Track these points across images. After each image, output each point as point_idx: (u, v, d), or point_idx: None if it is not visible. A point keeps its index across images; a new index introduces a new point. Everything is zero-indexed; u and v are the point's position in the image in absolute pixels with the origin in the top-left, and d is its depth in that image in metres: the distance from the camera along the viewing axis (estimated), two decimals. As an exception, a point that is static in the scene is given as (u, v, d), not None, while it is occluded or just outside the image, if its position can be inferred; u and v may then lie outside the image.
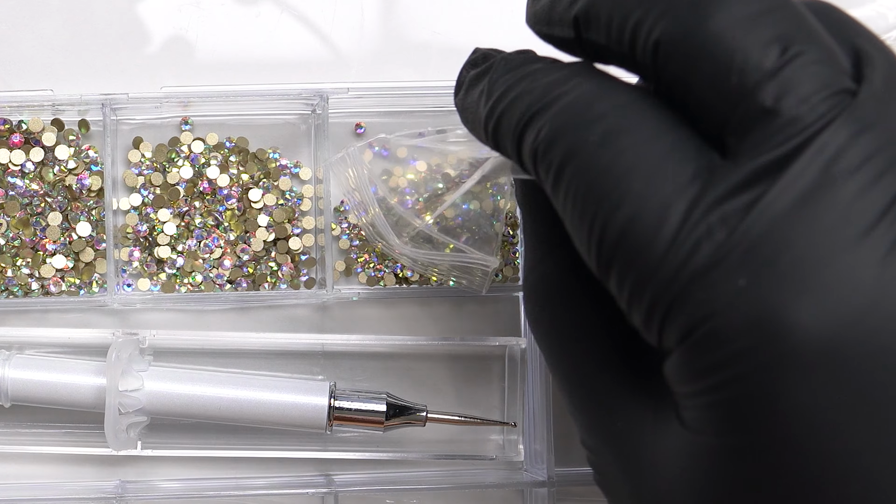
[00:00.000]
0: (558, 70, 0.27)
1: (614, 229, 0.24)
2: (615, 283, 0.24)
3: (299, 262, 0.43)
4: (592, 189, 0.24)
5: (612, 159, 0.24)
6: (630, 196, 0.24)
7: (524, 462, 0.44)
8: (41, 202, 0.42)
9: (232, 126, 0.43)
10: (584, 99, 0.26)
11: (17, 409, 0.41)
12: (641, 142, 0.24)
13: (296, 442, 0.43)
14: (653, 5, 0.25)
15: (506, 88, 0.28)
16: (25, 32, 0.43)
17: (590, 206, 0.24)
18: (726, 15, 0.23)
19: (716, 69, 0.23)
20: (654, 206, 0.23)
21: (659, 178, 0.23)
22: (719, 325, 0.22)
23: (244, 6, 0.44)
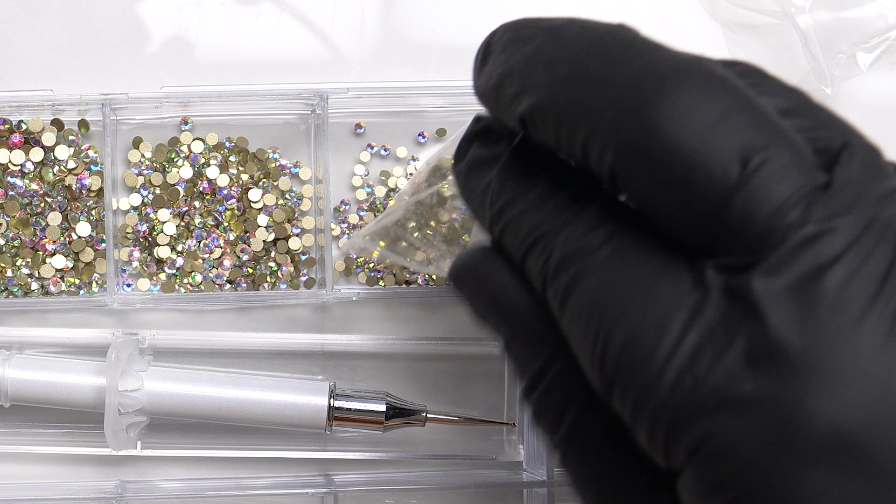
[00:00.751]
0: (562, 191, 0.26)
1: (615, 346, 0.23)
2: (618, 402, 0.24)
3: (299, 262, 0.43)
4: (596, 307, 0.24)
5: (616, 280, 0.24)
6: (631, 313, 0.23)
7: (524, 462, 0.44)
8: (41, 202, 0.42)
9: (232, 126, 0.43)
10: (588, 224, 0.25)
11: (17, 409, 0.41)
12: (640, 262, 0.24)
13: (296, 442, 0.43)
14: (600, 121, 0.24)
15: (509, 201, 0.27)
16: (25, 32, 0.43)
17: (593, 323, 0.24)
18: (680, 127, 0.22)
19: (679, 189, 0.23)
20: (652, 320, 0.23)
21: (656, 295, 0.23)
22: (725, 437, 0.22)
23: (244, 6, 0.44)
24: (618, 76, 0.24)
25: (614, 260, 0.24)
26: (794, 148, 0.23)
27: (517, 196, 0.27)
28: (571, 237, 0.25)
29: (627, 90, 0.23)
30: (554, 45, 0.26)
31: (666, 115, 0.23)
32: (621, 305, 0.23)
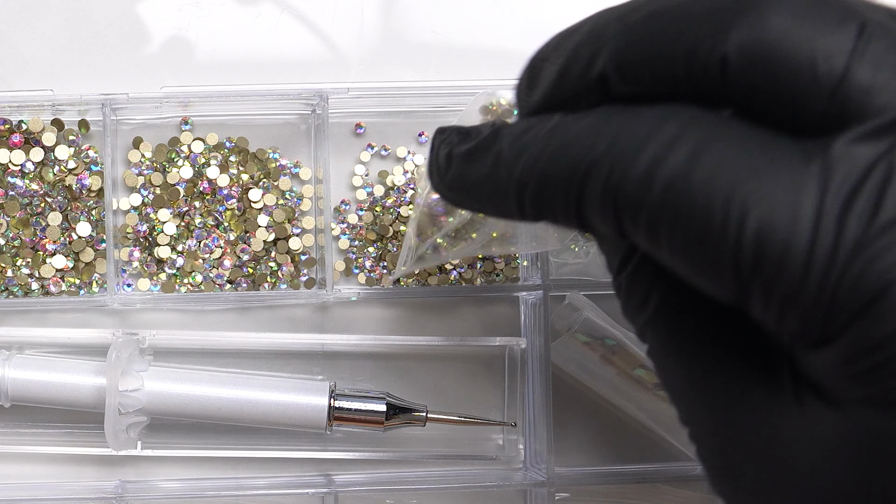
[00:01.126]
0: (588, 116, 0.25)
1: (747, 248, 0.22)
2: (760, 303, 0.23)
3: (299, 262, 0.43)
4: (703, 215, 0.22)
5: (714, 174, 0.22)
6: (751, 207, 0.22)
7: (524, 462, 0.44)
8: (41, 202, 0.42)
9: (232, 126, 0.43)
10: (645, 127, 0.24)
11: (17, 409, 0.41)
12: (734, 146, 0.22)
13: (296, 442, 0.43)
14: (702, 26, 0.23)
15: (542, 148, 0.25)
16: (25, 32, 0.43)
17: (710, 234, 0.22)
18: (785, 14, 0.22)
19: (797, 65, 0.22)
20: (781, 207, 0.22)
21: (772, 175, 0.22)
22: (888, 311, 0.21)
23: (244, 6, 0.44)
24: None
25: (704, 148, 0.23)
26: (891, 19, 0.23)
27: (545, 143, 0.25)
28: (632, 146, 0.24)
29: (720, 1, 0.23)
30: (613, 11, 0.26)
31: (771, 6, 0.23)
32: (737, 200, 0.22)
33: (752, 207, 0.22)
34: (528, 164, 0.26)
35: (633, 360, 0.43)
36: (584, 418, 0.45)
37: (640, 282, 0.27)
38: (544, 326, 0.42)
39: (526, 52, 0.28)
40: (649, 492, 0.45)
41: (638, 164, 0.23)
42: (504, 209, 0.27)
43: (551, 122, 0.25)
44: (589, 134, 0.24)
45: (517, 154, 0.26)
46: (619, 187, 0.23)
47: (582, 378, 0.44)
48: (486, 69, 0.44)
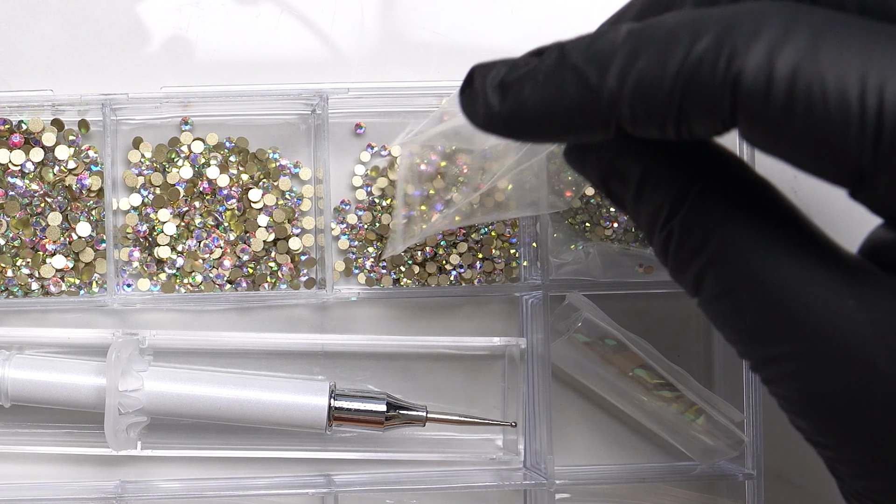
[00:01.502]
0: (678, 14, 0.24)
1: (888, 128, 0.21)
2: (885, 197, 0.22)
3: (299, 262, 0.43)
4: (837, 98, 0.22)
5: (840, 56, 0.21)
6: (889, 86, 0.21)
7: (524, 462, 0.44)
8: (41, 202, 0.42)
9: (232, 126, 0.43)
10: (752, 15, 0.22)
11: (17, 409, 0.41)
12: (850, 29, 0.22)
13: (296, 442, 0.43)
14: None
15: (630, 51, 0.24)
16: (25, 32, 0.43)
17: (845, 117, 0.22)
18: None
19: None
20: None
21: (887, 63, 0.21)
22: None
23: (244, 6, 0.44)
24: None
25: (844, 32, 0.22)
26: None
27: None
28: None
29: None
30: None
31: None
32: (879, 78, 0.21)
33: (890, 86, 0.21)
34: (619, 70, 0.24)
35: (633, 360, 0.43)
36: (584, 418, 0.45)
37: (697, 224, 0.26)
38: (544, 326, 0.42)
39: (525, 52, 0.28)
40: (649, 492, 0.45)
41: (756, 50, 0.22)
42: (588, 128, 0.25)
43: (627, 27, 0.24)
44: (689, 25, 0.23)
45: (600, 64, 0.24)
46: (738, 77, 0.22)
47: (582, 378, 0.44)
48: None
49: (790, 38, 0.22)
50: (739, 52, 0.22)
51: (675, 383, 0.43)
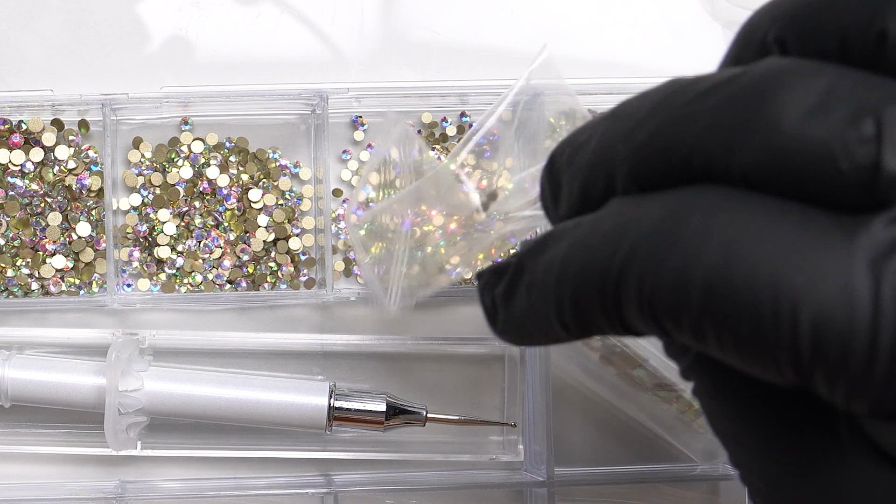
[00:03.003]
0: (604, 220, 0.24)
1: (805, 342, 0.21)
2: (825, 389, 0.22)
3: (299, 262, 0.43)
4: (751, 313, 0.21)
5: (754, 267, 0.21)
6: (802, 299, 0.21)
7: (524, 462, 0.44)
8: (41, 202, 0.42)
9: (232, 126, 0.43)
10: (667, 224, 0.22)
11: (17, 409, 0.41)
12: (768, 230, 0.21)
13: (296, 442, 0.43)
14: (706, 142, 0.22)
15: (560, 267, 0.24)
16: (25, 32, 0.43)
17: (761, 331, 0.21)
18: (795, 114, 0.21)
19: (821, 171, 0.21)
20: (833, 295, 0.20)
21: (816, 259, 0.21)
22: None
23: (244, 6, 0.44)
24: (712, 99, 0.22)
25: (760, 235, 0.21)
26: None
27: (565, 257, 0.24)
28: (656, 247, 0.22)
29: (731, 103, 0.22)
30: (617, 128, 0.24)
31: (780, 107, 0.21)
32: (782, 293, 0.21)
33: (804, 299, 0.21)
34: (558, 286, 0.24)
35: (632, 360, 0.43)
36: (584, 418, 0.45)
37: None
38: (544, 326, 0.42)
39: (526, 52, 0.28)
40: (649, 492, 0.45)
41: (669, 268, 0.22)
42: (554, 336, 0.26)
43: (570, 237, 0.24)
44: (610, 241, 0.23)
45: (545, 278, 0.25)
46: (653, 296, 0.22)
47: (582, 378, 0.44)
48: (486, 69, 0.44)
49: (703, 250, 0.22)
50: (654, 268, 0.22)
51: (675, 383, 0.43)
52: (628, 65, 0.45)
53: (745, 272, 0.21)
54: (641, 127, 0.23)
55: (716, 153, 0.22)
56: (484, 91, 0.43)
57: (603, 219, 0.24)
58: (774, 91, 0.22)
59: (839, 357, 0.20)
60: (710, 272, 0.21)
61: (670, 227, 0.22)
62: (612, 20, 0.45)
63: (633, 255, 0.22)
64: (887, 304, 0.20)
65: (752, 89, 0.22)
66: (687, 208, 0.22)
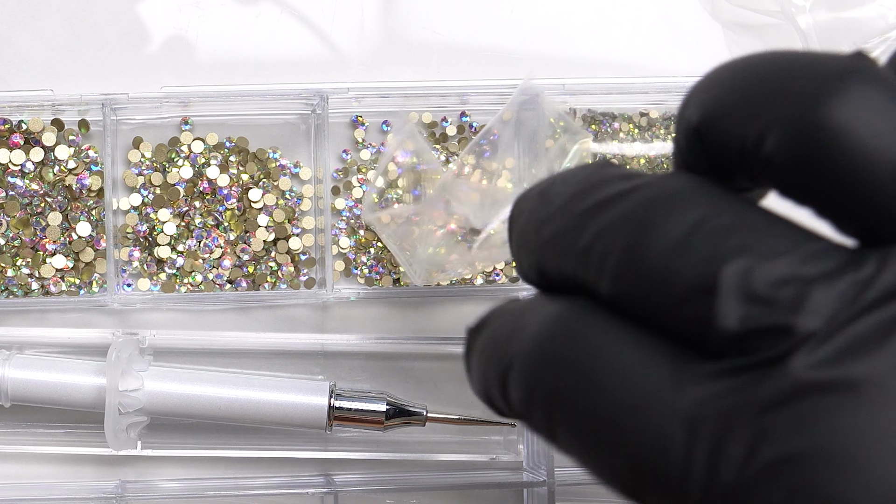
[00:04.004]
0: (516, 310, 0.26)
1: (627, 475, 0.22)
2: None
3: (299, 262, 0.43)
4: (590, 437, 0.23)
5: (596, 404, 0.22)
6: (623, 441, 0.22)
7: (524, 462, 0.44)
8: (41, 202, 0.42)
9: (232, 126, 0.43)
10: (539, 343, 0.24)
11: (17, 409, 0.41)
12: (610, 368, 0.22)
13: (296, 442, 0.43)
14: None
15: (478, 357, 0.26)
16: (25, 32, 0.43)
17: (594, 452, 0.23)
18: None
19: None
20: (650, 442, 0.21)
21: (644, 406, 0.22)
22: None
23: (244, 6, 0.44)
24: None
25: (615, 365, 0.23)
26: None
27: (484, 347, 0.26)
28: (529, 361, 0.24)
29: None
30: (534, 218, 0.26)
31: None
32: (615, 431, 0.22)
33: (628, 442, 0.22)
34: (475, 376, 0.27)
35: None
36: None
37: None
38: (544, 326, 0.42)
39: (526, 52, 0.28)
40: (649, 492, 0.45)
41: (533, 380, 0.24)
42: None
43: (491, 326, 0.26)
44: (501, 349, 0.25)
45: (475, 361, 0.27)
46: (517, 404, 0.24)
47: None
48: (486, 69, 0.44)
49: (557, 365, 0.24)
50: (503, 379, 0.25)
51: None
52: (628, 65, 0.45)
53: (587, 402, 0.23)
54: (548, 224, 0.25)
55: (590, 274, 0.23)
56: (484, 91, 0.43)
57: (509, 316, 0.26)
58: (651, 218, 0.23)
59: (656, 491, 0.22)
60: (568, 396, 0.23)
61: (543, 345, 0.24)
62: (612, 20, 0.45)
63: (512, 366, 0.24)
64: (698, 460, 0.21)
65: (632, 214, 0.23)
66: (559, 327, 0.24)
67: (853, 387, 0.20)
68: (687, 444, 0.21)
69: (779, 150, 0.22)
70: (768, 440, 0.20)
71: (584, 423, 0.23)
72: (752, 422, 0.20)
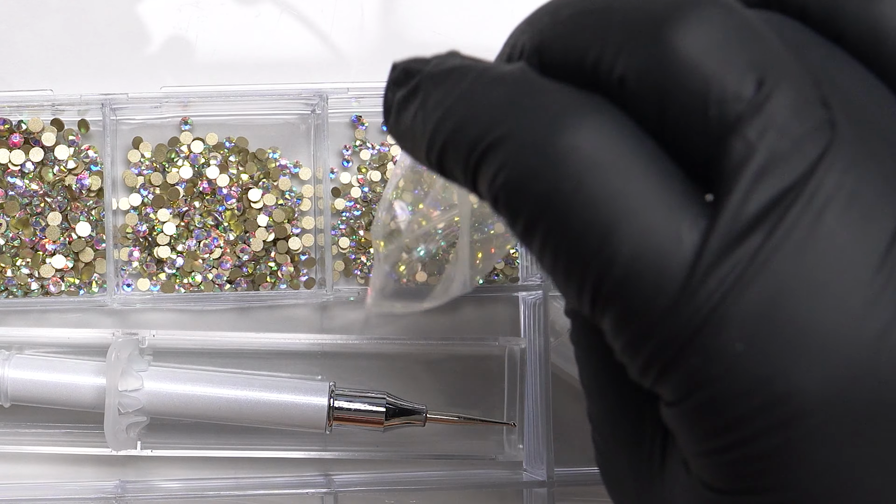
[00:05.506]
0: (498, 87, 0.24)
1: (608, 286, 0.22)
2: (609, 331, 0.23)
3: (299, 262, 0.43)
4: (574, 245, 0.22)
5: (594, 207, 0.22)
6: (621, 254, 0.22)
7: (524, 462, 0.44)
8: (41, 202, 0.42)
9: (232, 126, 0.43)
10: (542, 130, 0.23)
11: (17, 409, 0.42)
12: (623, 182, 0.22)
13: (296, 442, 0.43)
14: (613, 38, 0.23)
15: (443, 113, 0.25)
16: (25, 32, 0.43)
17: (575, 262, 0.22)
18: (692, 42, 0.22)
19: (690, 102, 0.22)
20: (650, 262, 0.21)
21: (651, 228, 0.22)
22: (719, 391, 0.21)
23: (244, 6, 0.44)
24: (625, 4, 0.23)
25: (594, 173, 0.22)
26: (801, 76, 0.22)
27: (448, 108, 0.25)
28: (524, 150, 0.23)
29: (638, 13, 0.23)
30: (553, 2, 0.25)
31: (680, 31, 0.22)
32: (612, 241, 0.22)
33: (626, 242, 0.22)
34: (433, 129, 0.25)
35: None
36: (584, 418, 0.45)
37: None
38: (544, 326, 0.42)
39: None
40: (649, 492, 0.45)
41: (527, 167, 0.23)
42: (421, 161, 0.27)
43: (467, 80, 0.25)
44: (491, 110, 0.24)
45: (431, 109, 0.25)
46: (504, 185, 0.23)
47: (582, 378, 0.44)
48: (486, 69, 0.44)
49: (562, 165, 0.23)
50: (513, 161, 0.23)
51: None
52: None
53: (588, 199, 0.22)
54: (569, 5, 0.24)
55: (610, 52, 0.23)
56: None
57: (500, 84, 0.24)
58: (688, 12, 0.22)
59: (637, 298, 0.22)
60: (555, 186, 0.22)
61: (545, 131, 0.23)
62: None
63: (501, 144, 0.23)
64: (690, 288, 0.21)
65: (670, 4, 0.22)
66: (565, 118, 0.23)
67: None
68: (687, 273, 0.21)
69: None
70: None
71: (580, 221, 0.22)
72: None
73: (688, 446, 0.23)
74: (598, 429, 0.28)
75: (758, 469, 0.21)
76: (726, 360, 0.21)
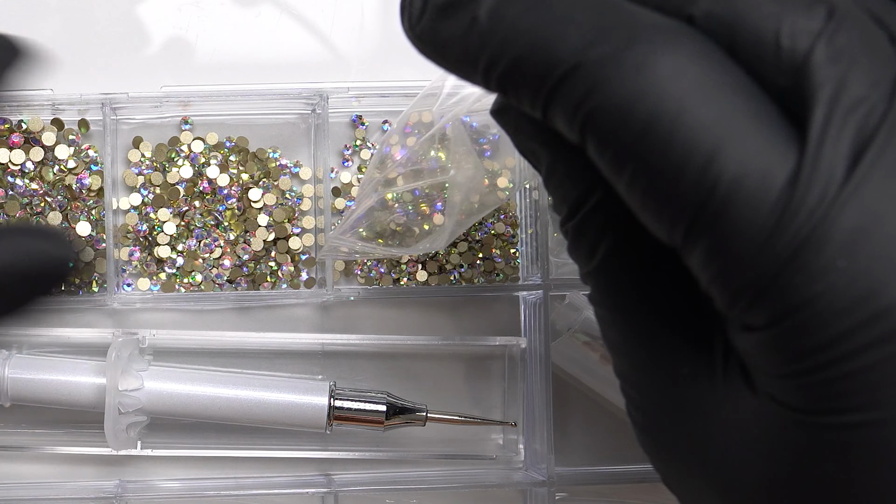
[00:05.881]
0: (584, 4, 0.23)
1: (709, 211, 0.22)
2: (699, 260, 0.22)
3: (299, 261, 0.43)
4: (673, 171, 0.22)
5: (699, 131, 0.21)
6: (723, 178, 0.21)
7: (524, 462, 0.44)
8: (41, 202, 0.42)
9: (232, 126, 0.43)
10: (641, 53, 0.22)
11: (17, 409, 0.41)
12: (725, 106, 0.22)
13: (296, 442, 0.43)
14: None
15: (516, 26, 0.23)
16: (25, 32, 0.43)
17: (672, 189, 0.22)
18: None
19: (760, 36, 0.22)
20: (753, 185, 0.21)
21: (753, 151, 0.21)
22: (819, 308, 0.21)
23: (244, 7, 0.44)
24: None
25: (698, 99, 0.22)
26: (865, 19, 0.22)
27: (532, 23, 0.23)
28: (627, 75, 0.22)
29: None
30: None
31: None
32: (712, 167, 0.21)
33: (727, 167, 0.21)
34: (502, 42, 0.23)
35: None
36: (584, 418, 0.45)
37: (587, 233, 0.26)
38: (544, 326, 0.42)
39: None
40: (649, 492, 0.45)
41: (622, 91, 0.22)
42: (470, 77, 0.25)
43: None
44: (577, 29, 0.22)
45: (494, 25, 0.23)
46: (594, 110, 0.22)
47: (582, 378, 0.44)
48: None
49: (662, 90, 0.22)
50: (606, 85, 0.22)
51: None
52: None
53: (691, 125, 0.21)
54: None
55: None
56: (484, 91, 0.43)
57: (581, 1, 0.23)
58: None
59: (730, 224, 0.21)
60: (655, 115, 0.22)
61: (644, 51, 0.22)
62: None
63: (591, 65, 0.22)
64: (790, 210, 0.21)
65: None
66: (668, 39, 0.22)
67: None
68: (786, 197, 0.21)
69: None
70: None
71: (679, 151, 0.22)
72: None
73: (774, 369, 0.23)
74: (631, 381, 0.27)
75: (851, 387, 0.21)
76: (828, 277, 0.21)
